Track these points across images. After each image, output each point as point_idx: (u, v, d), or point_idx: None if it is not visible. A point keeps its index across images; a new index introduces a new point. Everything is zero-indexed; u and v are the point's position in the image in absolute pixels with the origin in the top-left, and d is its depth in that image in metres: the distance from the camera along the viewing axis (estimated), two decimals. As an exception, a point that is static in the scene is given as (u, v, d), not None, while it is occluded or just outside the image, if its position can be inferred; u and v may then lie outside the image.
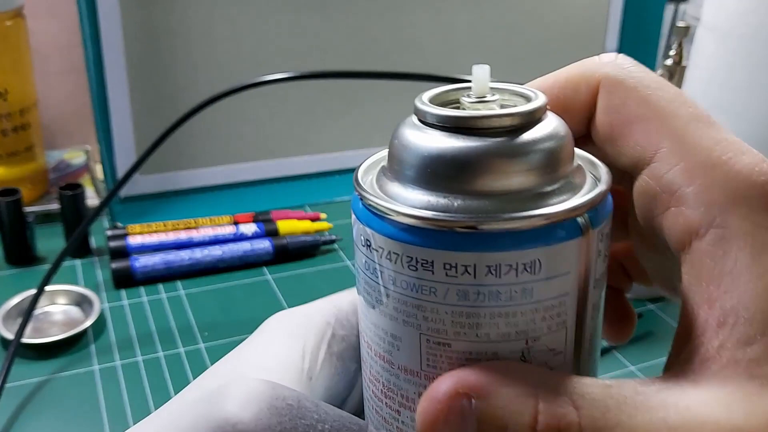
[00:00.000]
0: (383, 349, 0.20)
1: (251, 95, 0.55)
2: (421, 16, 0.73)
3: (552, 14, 0.78)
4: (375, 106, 0.74)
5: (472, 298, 0.18)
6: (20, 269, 0.59)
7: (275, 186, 0.72)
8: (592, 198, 0.19)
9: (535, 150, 0.19)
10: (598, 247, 0.19)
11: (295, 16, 0.68)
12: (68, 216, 0.60)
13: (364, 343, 0.21)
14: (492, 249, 0.18)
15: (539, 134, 0.19)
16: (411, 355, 0.20)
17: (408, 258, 0.19)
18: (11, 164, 0.65)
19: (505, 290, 0.18)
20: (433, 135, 0.19)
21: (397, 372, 0.20)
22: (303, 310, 0.26)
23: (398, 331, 0.20)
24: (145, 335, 0.52)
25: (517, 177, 0.19)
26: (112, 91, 0.64)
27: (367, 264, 0.20)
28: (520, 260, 0.18)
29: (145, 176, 0.67)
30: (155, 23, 0.64)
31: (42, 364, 0.49)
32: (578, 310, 0.19)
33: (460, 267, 0.18)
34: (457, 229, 0.18)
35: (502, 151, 0.19)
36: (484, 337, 0.19)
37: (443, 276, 0.18)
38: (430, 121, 0.20)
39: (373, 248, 0.20)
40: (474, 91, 0.20)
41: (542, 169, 0.19)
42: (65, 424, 0.44)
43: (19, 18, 0.63)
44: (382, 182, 0.21)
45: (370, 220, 0.20)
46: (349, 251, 0.63)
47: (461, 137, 0.19)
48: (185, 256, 0.58)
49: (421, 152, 0.19)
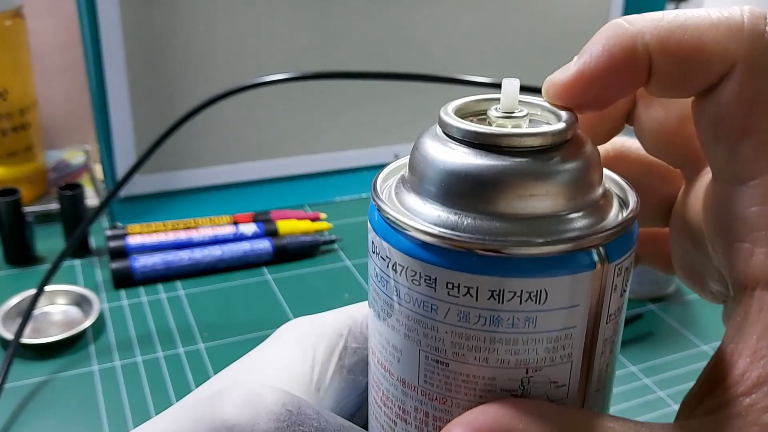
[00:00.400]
0: (385, 358, 0.20)
1: (251, 95, 0.55)
2: (421, 16, 0.73)
3: (552, 14, 0.78)
4: (375, 106, 0.74)
5: (472, 321, 0.18)
6: (20, 269, 0.59)
7: (275, 186, 0.72)
8: (610, 230, 0.18)
9: (558, 174, 0.18)
10: (615, 281, 0.18)
11: (295, 16, 0.68)
12: (68, 216, 0.60)
13: (370, 348, 0.21)
14: (495, 273, 0.17)
15: (566, 157, 0.18)
16: (410, 369, 0.19)
17: (413, 272, 0.18)
18: (11, 164, 0.65)
19: (507, 317, 0.18)
20: (455, 150, 0.18)
21: (396, 383, 0.20)
22: (317, 319, 0.26)
23: (400, 344, 0.19)
24: (144, 335, 0.52)
25: (535, 201, 0.18)
26: (111, 91, 0.64)
27: (375, 272, 0.20)
28: (524, 288, 0.17)
29: (144, 176, 0.67)
30: (155, 23, 0.64)
31: (41, 364, 0.49)
32: (587, 344, 0.19)
33: (462, 288, 0.17)
34: (461, 250, 0.17)
35: (522, 172, 0.18)
36: (482, 361, 0.18)
37: (445, 295, 0.18)
38: (454, 134, 0.19)
39: (382, 257, 0.19)
40: (502, 106, 0.20)
41: (564, 194, 0.18)
42: (64, 425, 0.44)
43: (19, 18, 0.63)
44: (399, 192, 0.20)
45: (383, 229, 0.19)
46: (348, 251, 0.63)
47: (483, 155, 0.18)
48: (185, 256, 0.58)
49: (439, 166, 0.18)
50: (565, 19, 0.79)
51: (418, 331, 0.19)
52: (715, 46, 0.17)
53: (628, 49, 0.18)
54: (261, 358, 0.25)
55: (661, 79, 0.18)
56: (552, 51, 0.79)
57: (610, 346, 0.19)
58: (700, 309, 0.57)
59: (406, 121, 0.76)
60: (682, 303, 0.58)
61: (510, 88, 0.19)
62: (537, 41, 0.78)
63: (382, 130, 0.75)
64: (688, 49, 0.18)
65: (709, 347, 0.53)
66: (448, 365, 0.19)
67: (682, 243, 0.23)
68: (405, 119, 0.76)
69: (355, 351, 0.25)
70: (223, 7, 0.65)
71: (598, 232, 0.18)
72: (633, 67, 0.18)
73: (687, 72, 0.18)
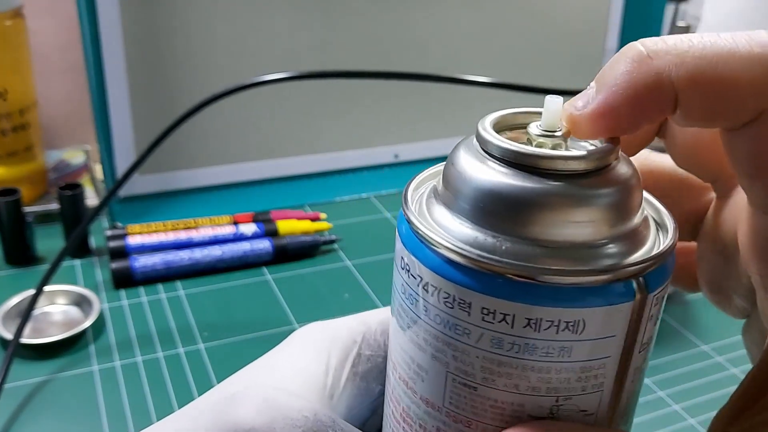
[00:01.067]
0: (408, 375, 0.19)
1: (251, 95, 0.55)
2: (421, 16, 0.73)
3: (552, 14, 0.78)
4: (375, 106, 0.74)
5: (506, 348, 0.17)
6: (19, 269, 0.59)
7: (275, 186, 0.72)
8: (650, 260, 0.17)
9: (601, 200, 0.17)
10: (651, 311, 0.18)
11: (295, 16, 0.68)
12: (68, 216, 0.60)
13: (390, 361, 0.21)
14: (535, 302, 0.17)
15: (609, 182, 0.18)
16: (435, 390, 0.19)
17: (446, 294, 0.18)
18: (11, 164, 0.65)
19: (543, 345, 0.17)
20: (493, 169, 0.18)
21: (419, 402, 0.19)
22: (331, 324, 0.26)
23: (426, 363, 0.19)
24: (144, 335, 0.52)
25: (576, 227, 0.17)
26: (111, 91, 0.64)
27: (403, 288, 0.19)
28: (562, 318, 0.17)
29: (144, 176, 0.67)
30: (155, 23, 0.64)
31: (41, 364, 0.49)
32: (618, 373, 0.18)
33: (499, 314, 0.17)
34: (501, 275, 0.17)
35: (564, 197, 0.17)
36: (512, 387, 0.18)
37: (479, 320, 0.17)
38: (493, 152, 0.18)
39: (412, 274, 0.18)
40: (543, 124, 0.19)
41: (605, 221, 0.17)
42: (64, 425, 0.44)
43: (19, 18, 0.63)
44: (430, 204, 0.19)
45: (413, 245, 0.18)
46: (348, 251, 0.63)
47: (524, 176, 0.17)
48: (185, 256, 0.58)
49: (476, 185, 0.18)
50: (565, 19, 0.79)
51: (446, 353, 0.18)
52: (749, 85, 0.17)
53: (654, 86, 0.17)
54: (275, 362, 0.24)
55: (688, 114, 0.17)
56: (552, 51, 0.79)
57: (639, 374, 0.19)
58: (700, 309, 0.57)
59: (406, 121, 0.76)
60: (682, 303, 0.58)
61: (553, 105, 0.19)
62: (537, 41, 0.78)
63: (382, 130, 0.75)
64: (720, 88, 0.17)
65: (708, 347, 0.53)
66: (476, 389, 0.18)
67: (711, 258, 0.22)
68: (405, 119, 0.76)
69: (368, 358, 0.25)
70: (223, 7, 0.65)
71: (638, 262, 0.17)
72: (659, 104, 0.17)
73: (718, 109, 0.17)
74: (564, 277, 0.17)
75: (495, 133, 0.18)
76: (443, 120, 0.77)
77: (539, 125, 0.19)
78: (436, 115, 0.77)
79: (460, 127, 0.78)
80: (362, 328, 0.25)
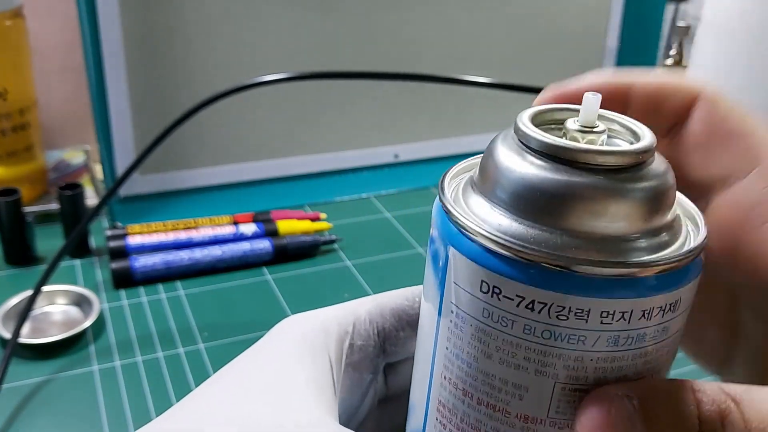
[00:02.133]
0: (496, 399, 0.19)
1: (251, 95, 0.55)
2: (421, 16, 0.73)
3: (552, 14, 0.78)
4: (375, 106, 0.74)
5: (621, 343, 0.18)
6: (20, 269, 0.59)
7: (275, 186, 0.72)
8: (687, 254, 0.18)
9: (637, 194, 0.18)
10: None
11: (295, 16, 0.68)
12: (68, 216, 0.60)
13: (457, 389, 0.20)
14: (647, 294, 0.17)
15: (646, 177, 0.18)
16: (537, 404, 0.19)
17: (559, 308, 0.18)
18: (11, 164, 0.65)
19: (651, 331, 0.18)
20: (531, 161, 0.18)
21: (514, 421, 0.19)
22: (318, 316, 0.25)
23: (524, 381, 0.18)
24: (144, 336, 0.52)
25: (612, 221, 0.18)
26: (111, 91, 0.64)
27: (486, 311, 0.18)
28: (668, 301, 0.18)
29: (144, 176, 0.67)
30: (155, 23, 0.64)
31: (41, 364, 0.49)
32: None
33: (617, 314, 0.17)
34: (623, 277, 0.17)
35: (603, 190, 0.18)
36: (623, 379, 0.18)
37: (598, 324, 0.17)
38: (532, 145, 0.18)
39: (508, 296, 0.18)
40: (581, 119, 0.19)
41: (640, 216, 0.18)
42: (64, 425, 0.44)
43: (19, 18, 0.63)
44: (467, 195, 0.19)
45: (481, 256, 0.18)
46: (348, 251, 0.63)
47: (561, 169, 0.18)
48: (185, 256, 0.58)
49: (516, 177, 0.18)
50: (565, 19, 0.79)
51: (555, 365, 0.18)
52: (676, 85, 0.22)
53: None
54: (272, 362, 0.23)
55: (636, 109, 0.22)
56: (552, 51, 0.79)
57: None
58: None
59: (406, 121, 0.76)
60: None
61: (591, 101, 0.19)
62: (537, 41, 0.78)
63: (382, 130, 0.75)
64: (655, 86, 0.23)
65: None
66: (587, 391, 0.18)
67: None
68: (405, 119, 0.76)
69: (360, 348, 0.24)
70: (223, 7, 0.65)
71: (702, 239, 0.18)
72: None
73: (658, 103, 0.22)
74: (668, 264, 0.17)
75: (534, 126, 0.19)
76: (443, 120, 0.77)
77: (576, 120, 0.19)
78: (436, 115, 0.77)
79: (460, 127, 0.78)
80: (351, 318, 0.25)
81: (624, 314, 0.17)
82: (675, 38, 0.57)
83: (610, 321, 0.17)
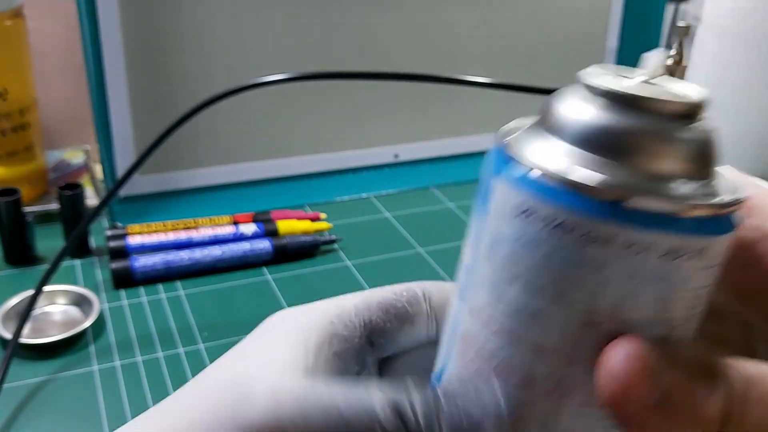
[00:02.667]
0: (517, 323, 0.19)
1: (251, 95, 0.55)
2: (421, 16, 0.73)
3: (552, 14, 0.78)
4: (375, 106, 0.74)
5: (646, 282, 0.18)
6: (20, 269, 0.59)
7: (275, 186, 0.72)
8: (739, 201, 0.19)
9: (707, 140, 0.19)
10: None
11: (295, 16, 0.68)
12: (68, 216, 0.60)
13: (479, 319, 0.20)
14: (685, 232, 0.18)
15: (705, 128, 0.19)
16: (555, 332, 0.19)
17: (584, 231, 0.18)
18: (11, 164, 0.65)
19: (681, 276, 0.18)
20: (600, 106, 0.19)
21: (527, 349, 0.19)
22: (304, 309, 0.26)
23: (544, 307, 0.19)
24: (144, 336, 0.52)
25: (674, 163, 0.19)
26: (111, 91, 0.64)
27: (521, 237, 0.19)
28: (701, 246, 0.18)
29: (144, 176, 0.67)
30: (155, 23, 0.64)
31: (41, 364, 0.49)
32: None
33: (653, 250, 0.18)
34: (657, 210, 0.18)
35: (665, 132, 0.19)
36: (632, 321, 0.19)
37: (632, 256, 0.18)
38: (599, 92, 0.19)
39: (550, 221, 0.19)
40: (647, 73, 0.20)
41: (698, 160, 0.19)
42: (64, 425, 0.44)
43: (19, 18, 0.63)
44: (531, 141, 0.20)
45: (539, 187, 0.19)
46: (348, 251, 0.63)
47: (627, 112, 0.19)
48: (185, 256, 0.58)
49: (585, 121, 0.19)
50: (565, 19, 0.79)
51: (575, 295, 0.18)
52: None
53: None
54: (253, 347, 0.25)
55: None
56: (552, 51, 0.79)
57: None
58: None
59: (406, 121, 0.76)
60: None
61: (654, 58, 0.20)
62: (537, 41, 0.78)
63: (382, 130, 0.75)
64: None
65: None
66: (602, 325, 0.18)
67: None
68: (405, 119, 0.76)
69: (345, 338, 0.25)
70: (223, 8, 0.65)
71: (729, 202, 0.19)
72: None
73: None
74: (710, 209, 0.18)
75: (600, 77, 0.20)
76: (443, 120, 0.77)
77: (637, 74, 0.20)
78: (436, 115, 0.77)
79: (460, 127, 0.78)
80: (337, 309, 0.25)
81: (659, 252, 0.18)
82: (675, 38, 0.58)
83: (644, 256, 0.18)
